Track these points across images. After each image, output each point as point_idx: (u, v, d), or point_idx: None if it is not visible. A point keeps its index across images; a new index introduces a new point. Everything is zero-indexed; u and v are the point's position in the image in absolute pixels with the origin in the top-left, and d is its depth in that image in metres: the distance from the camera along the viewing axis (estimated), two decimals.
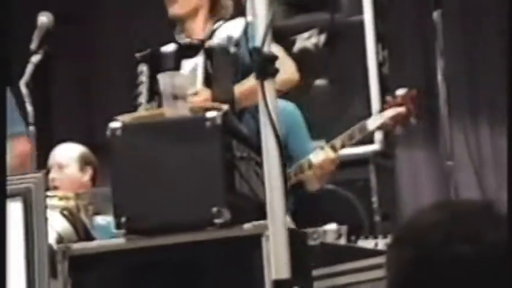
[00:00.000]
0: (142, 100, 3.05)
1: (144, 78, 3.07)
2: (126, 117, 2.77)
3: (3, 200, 0.77)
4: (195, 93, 2.97)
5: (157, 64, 3.08)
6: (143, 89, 3.06)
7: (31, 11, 3.46)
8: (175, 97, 2.65)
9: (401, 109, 3.46)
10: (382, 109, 3.54)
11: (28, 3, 3.66)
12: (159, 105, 2.95)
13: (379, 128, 3.54)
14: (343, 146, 3.45)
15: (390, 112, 3.46)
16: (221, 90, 2.99)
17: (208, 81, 3.03)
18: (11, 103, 3.32)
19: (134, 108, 3.05)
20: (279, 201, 2.41)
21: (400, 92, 3.56)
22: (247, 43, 2.60)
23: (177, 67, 3.05)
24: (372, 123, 3.47)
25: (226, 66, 3.03)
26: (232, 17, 3.27)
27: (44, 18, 3.35)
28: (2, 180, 0.73)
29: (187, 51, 3.11)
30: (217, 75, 3.05)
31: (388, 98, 3.56)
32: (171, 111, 2.65)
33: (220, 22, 3.24)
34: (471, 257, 1.14)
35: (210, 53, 3.08)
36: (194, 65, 3.08)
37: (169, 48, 3.17)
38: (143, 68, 3.08)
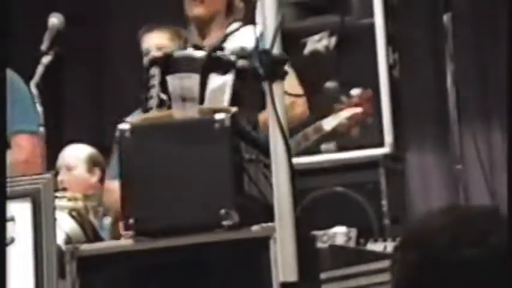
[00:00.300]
0: (153, 104, 3.03)
1: (155, 81, 3.05)
2: (135, 119, 2.77)
3: (3, 201, 0.77)
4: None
5: (172, 68, 3.01)
6: (154, 93, 3.04)
7: (41, 12, 3.47)
8: (184, 99, 2.65)
9: (358, 109, 3.43)
10: (338, 109, 3.48)
11: (38, 5, 3.67)
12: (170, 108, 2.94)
13: (335, 128, 3.48)
14: (298, 146, 3.40)
15: (347, 112, 3.42)
16: (246, 114, 2.94)
17: (234, 102, 2.98)
18: (25, 100, 3.35)
19: (145, 111, 3.03)
20: (287, 204, 2.41)
21: (356, 92, 3.53)
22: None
23: (204, 79, 2.92)
24: (328, 123, 3.42)
25: (255, 90, 2.96)
26: (243, 20, 3.26)
27: (54, 20, 3.36)
28: (2, 181, 0.73)
29: (216, 64, 3.03)
30: (246, 98, 2.99)
31: (344, 99, 3.52)
32: (180, 113, 2.66)
33: (233, 26, 3.21)
34: (477, 260, 1.13)
35: (242, 74, 3.00)
36: (222, 83, 3.00)
37: (190, 53, 3.13)
38: (155, 71, 3.06)
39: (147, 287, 2.65)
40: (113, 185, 3.30)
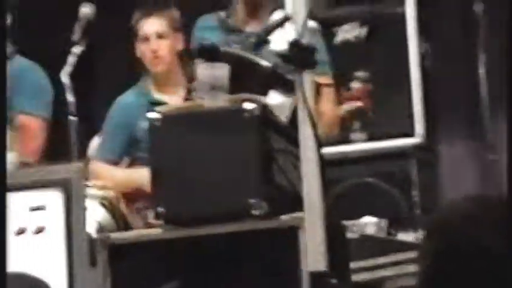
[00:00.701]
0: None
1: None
2: (165, 108, 2.78)
3: (3, 193, 0.78)
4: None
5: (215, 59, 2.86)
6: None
7: (73, 2, 3.50)
8: (214, 88, 2.66)
9: (359, 103, 3.39)
10: (339, 103, 3.40)
11: None
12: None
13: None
14: None
15: (347, 106, 3.38)
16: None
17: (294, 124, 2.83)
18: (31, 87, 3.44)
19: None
20: (316, 194, 2.41)
21: (355, 85, 3.49)
22: None
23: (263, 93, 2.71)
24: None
25: None
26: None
27: (86, 9, 3.39)
28: (2, 173, 0.74)
29: (278, 82, 2.73)
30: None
31: (344, 92, 3.47)
32: (209, 102, 2.66)
33: (276, 15, 3.09)
34: (500, 250, 1.13)
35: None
36: (282, 103, 2.85)
37: (258, 60, 2.81)
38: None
39: (176, 275, 2.66)
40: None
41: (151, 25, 3.62)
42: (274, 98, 2.77)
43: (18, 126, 3.47)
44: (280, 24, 3.02)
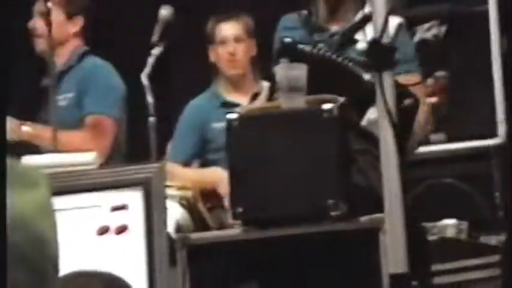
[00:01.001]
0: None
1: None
2: (243, 109, 2.79)
3: (3, 192, 0.79)
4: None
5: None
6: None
7: (152, 4, 3.53)
8: (292, 89, 2.65)
9: (433, 99, 3.30)
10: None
11: None
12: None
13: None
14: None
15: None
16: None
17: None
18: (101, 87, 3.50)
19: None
20: (397, 195, 2.38)
21: (430, 81, 3.39)
22: None
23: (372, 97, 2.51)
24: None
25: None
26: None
27: (165, 12, 3.42)
28: (2, 170, 0.75)
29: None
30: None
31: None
32: (287, 103, 2.65)
33: (357, 16, 3.04)
34: None
35: (405, 109, 2.60)
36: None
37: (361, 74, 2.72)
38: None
39: (255, 275, 2.66)
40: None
41: (229, 29, 3.68)
42: (374, 113, 2.64)
43: (90, 126, 3.54)
44: (364, 23, 2.93)
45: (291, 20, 3.14)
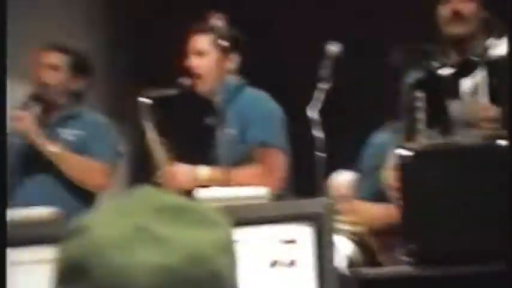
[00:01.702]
0: (421, 126, 2.99)
1: (421, 103, 3.01)
2: (415, 145, 2.76)
3: (4, 198, 0.79)
4: (484, 110, 2.85)
5: (435, 88, 2.99)
6: (421, 115, 3.00)
7: (319, 40, 3.55)
8: (468, 124, 2.61)
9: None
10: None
11: (317, 33, 3.77)
12: (444, 132, 2.89)
13: None
14: None
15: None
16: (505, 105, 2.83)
17: (494, 97, 2.90)
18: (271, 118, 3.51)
19: (410, 134, 2.98)
20: None
21: None
22: None
23: (455, 88, 2.94)
24: None
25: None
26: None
27: (332, 48, 3.44)
28: (2, 181, 0.74)
29: (464, 69, 3.00)
30: (504, 90, 2.90)
31: None
32: (463, 138, 2.61)
33: (489, 41, 3.12)
34: None
35: (494, 67, 2.95)
36: (473, 83, 2.95)
37: (446, 71, 3.09)
38: (420, 94, 3.02)
39: None
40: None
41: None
42: (465, 84, 2.74)
43: (260, 159, 3.51)
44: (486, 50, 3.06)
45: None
